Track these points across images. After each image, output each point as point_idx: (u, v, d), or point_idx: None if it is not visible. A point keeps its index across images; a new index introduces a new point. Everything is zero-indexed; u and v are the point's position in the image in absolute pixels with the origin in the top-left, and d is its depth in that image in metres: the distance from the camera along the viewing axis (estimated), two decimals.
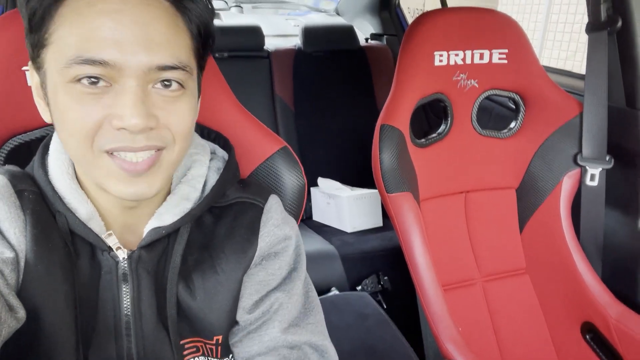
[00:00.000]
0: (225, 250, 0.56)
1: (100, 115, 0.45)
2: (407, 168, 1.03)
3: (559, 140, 1.16)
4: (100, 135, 0.46)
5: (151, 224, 0.53)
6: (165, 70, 0.46)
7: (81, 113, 0.45)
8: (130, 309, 0.52)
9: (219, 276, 0.56)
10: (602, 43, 1.09)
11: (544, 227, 1.18)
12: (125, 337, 0.53)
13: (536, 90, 1.16)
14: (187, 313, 0.55)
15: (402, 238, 1.03)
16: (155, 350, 0.53)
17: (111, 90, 0.45)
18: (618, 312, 1.04)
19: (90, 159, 0.47)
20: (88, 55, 0.43)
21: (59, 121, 0.47)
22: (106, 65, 0.44)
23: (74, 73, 0.44)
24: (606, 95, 1.10)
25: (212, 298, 0.55)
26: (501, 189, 1.22)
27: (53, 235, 0.50)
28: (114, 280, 0.52)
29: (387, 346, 0.88)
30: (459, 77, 1.12)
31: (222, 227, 0.58)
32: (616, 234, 1.19)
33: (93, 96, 0.45)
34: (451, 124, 1.15)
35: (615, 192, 1.18)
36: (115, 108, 0.45)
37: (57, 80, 0.45)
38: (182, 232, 0.55)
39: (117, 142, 0.46)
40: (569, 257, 1.13)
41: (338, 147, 1.95)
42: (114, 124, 0.45)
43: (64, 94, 0.45)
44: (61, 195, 0.51)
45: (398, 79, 1.05)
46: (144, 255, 0.53)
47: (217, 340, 0.57)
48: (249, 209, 0.59)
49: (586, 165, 1.13)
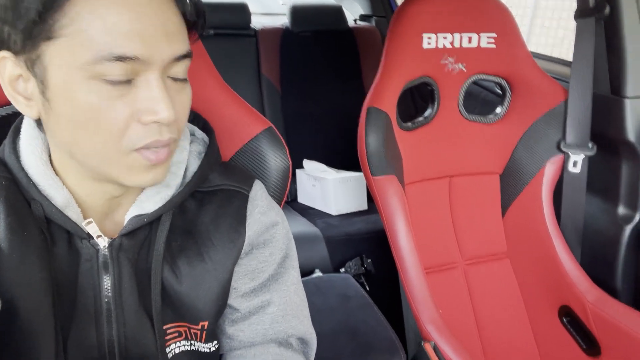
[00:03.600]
0: (213, 240, 0.56)
1: (128, 112, 0.44)
2: (392, 151, 1.03)
3: (543, 126, 1.17)
4: (130, 134, 0.45)
5: (132, 212, 0.53)
6: (180, 60, 0.46)
7: (110, 112, 0.44)
8: (112, 296, 0.52)
9: (206, 264, 0.55)
10: (590, 30, 1.09)
11: (526, 212, 1.20)
12: (106, 323, 0.52)
13: (523, 76, 1.16)
14: (173, 299, 0.55)
15: (386, 221, 1.03)
16: (136, 336, 0.53)
17: (133, 85, 0.44)
18: (595, 296, 1.07)
19: (114, 157, 0.46)
20: (120, 51, 0.42)
21: (75, 120, 0.45)
22: (136, 60, 0.43)
23: (102, 70, 0.42)
24: (591, 82, 1.11)
25: (199, 285, 0.55)
26: (485, 174, 1.23)
27: (28, 223, 0.48)
28: (95, 268, 0.52)
29: (368, 328, 0.89)
30: (447, 61, 1.11)
31: (206, 214, 0.57)
32: (596, 221, 1.22)
33: (117, 93, 0.44)
34: (438, 108, 1.15)
35: (596, 179, 1.19)
36: (142, 102, 0.44)
37: (75, 76, 0.43)
38: (165, 219, 0.54)
39: (148, 138, 0.46)
40: (549, 242, 1.15)
41: (324, 129, 1.94)
42: (144, 119, 0.45)
43: (86, 92, 0.43)
44: (35, 182, 0.50)
45: (386, 61, 1.04)
46: (125, 243, 0.53)
47: (202, 325, 0.57)
48: (234, 197, 0.58)
49: (569, 151, 1.14)
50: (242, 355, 0.60)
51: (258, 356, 0.59)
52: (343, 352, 0.84)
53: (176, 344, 0.56)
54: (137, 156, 0.46)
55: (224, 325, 0.61)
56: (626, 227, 1.15)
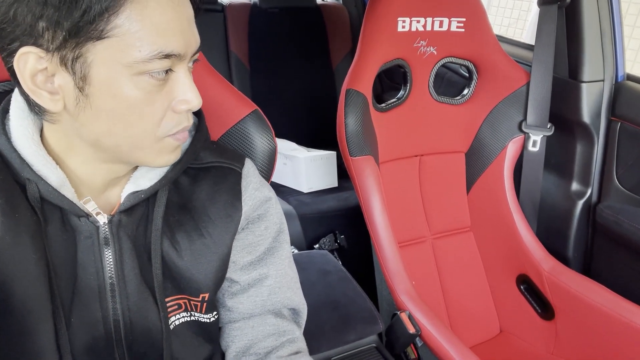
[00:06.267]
0: (210, 215, 0.58)
1: (166, 104, 0.48)
2: (369, 132, 1.06)
3: (506, 107, 1.23)
4: (166, 122, 0.49)
5: (128, 189, 0.54)
6: (197, 52, 0.50)
7: (153, 106, 0.47)
8: (114, 271, 0.53)
9: (205, 239, 0.57)
10: (552, 16, 1.16)
11: (489, 188, 1.27)
12: (110, 298, 0.53)
13: (489, 60, 1.22)
14: (174, 272, 0.57)
15: (362, 199, 1.08)
16: (140, 310, 0.54)
17: (169, 78, 0.47)
18: (550, 265, 1.16)
19: (149, 143, 0.49)
20: (169, 49, 0.45)
21: (118, 113, 0.46)
22: (176, 56, 0.46)
23: (151, 67, 0.45)
24: (552, 66, 1.18)
25: (199, 259, 0.57)
26: (452, 153, 1.30)
27: (19, 205, 0.49)
28: (96, 244, 0.52)
29: (349, 300, 0.93)
30: (420, 44, 1.15)
31: (201, 189, 0.59)
32: (551, 196, 1.31)
33: (159, 87, 0.47)
34: (410, 90, 1.19)
35: (553, 157, 1.28)
36: (177, 93, 0.48)
37: (121, 73, 0.45)
38: (161, 195, 0.55)
39: (180, 125, 0.50)
40: (509, 216, 1.23)
41: (293, 107, 1.95)
42: (179, 108, 0.49)
43: (132, 87, 0.45)
44: (29, 162, 0.50)
45: (362, 44, 1.07)
46: (124, 219, 0.54)
47: (203, 297, 0.59)
48: (228, 174, 0.60)
49: (529, 132, 1.22)
50: (240, 327, 0.63)
51: (256, 327, 0.63)
52: (326, 324, 0.89)
53: (176, 316, 0.58)
54: (170, 140, 0.50)
55: (223, 298, 0.64)
56: (579, 201, 1.25)
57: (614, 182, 1.21)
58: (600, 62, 1.18)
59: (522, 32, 3.88)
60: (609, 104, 1.20)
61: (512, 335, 1.26)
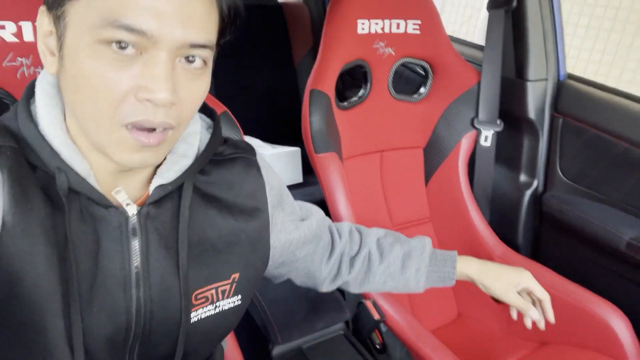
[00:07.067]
0: (238, 204, 0.60)
1: (128, 86, 0.44)
2: (332, 130, 1.11)
3: (460, 105, 1.31)
4: (124, 107, 0.44)
5: (155, 182, 0.54)
6: (195, 48, 0.46)
7: (108, 81, 0.43)
8: (140, 262, 0.53)
9: (235, 223, 0.59)
10: (499, 20, 1.24)
11: (445, 181, 1.35)
12: (135, 288, 0.53)
13: (443, 60, 1.29)
14: (205, 259, 0.57)
15: (327, 194, 1.12)
16: (162, 300, 0.54)
17: (139, 60, 0.44)
18: (501, 251, 1.25)
19: (105, 127, 0.45)
20: (126, 21, 0.42)
21: (78, 82, 0.45)
22: (142, 34, 0.42)
23: (107, 35, 0.42)
24: (500, 66, 1.26)
25: (229, 243, 0.59)
26: (411, 149, 1.36)
27: (32, 195, 0.47)
28: (124, 235, 0.52)
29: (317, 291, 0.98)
30: (378, 45, 1.20)
31: (227, 180, 0.60)
32: (502, 187, 1.41)
33: (121, 64, 0.43)
34: (370, 89, 1.25)
35: (503, 151, 1.38)
36: (144, 79, 0.44)
37: (83, 38, 0.43)
38: (187, 186, 0.56)
39: (139, 115, 0.45)
40: (464, 206, 1.31)
41: (256, 104, 1.97)
42: (140, 95, 0.44)
43: (89, 55, 0.43)
44: (58, 151, 0.48)
45: (325, 46, 1.11)
46: (153, 211, 0.54)
47: (233, 278, 0.60)
48: (249, 165, 0.63)
49: (481, 128, 1.30)
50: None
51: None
52: (296, 315, 0.93)
53: (203, 309, 0.58)
54: (127, 134, 0.46)
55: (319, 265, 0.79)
56: (526, 192, 1.35)
57: (558, 173, 1.31)
58: (544, 62, 1.27)
59: (475, 30, 4.03)
60: (552, 101, 1.29)
61: (468, 318, 1.34)
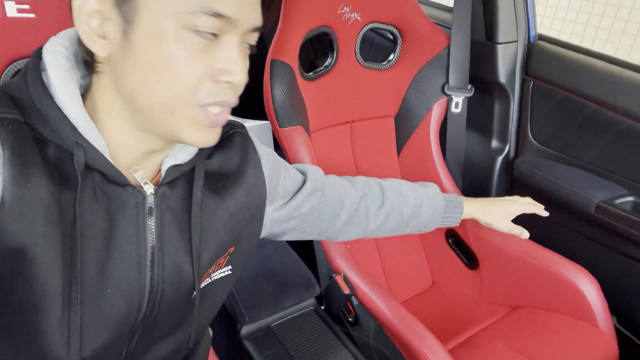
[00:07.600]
0: (242, 181, 0.61)
1: (207, 69, 0.46)
2: (297, 102, 1.07)
3: (430, 71, 1.28)
4: (203, 89, 0.46)
5: (168, 162, 0.54)
6: (256, 32, 0.49)
7: (192, 66, 0.45)
8: (156, 241, 0.53)
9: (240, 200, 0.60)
10: None
11: (417, 150, 1.33)
12: (149, 266, 0.53)
13: (411, 24, 1.24)
14: (212, 238, 0.58)
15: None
16: (173, 281, 0.55)
17: (215, 44, 0.46)
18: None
19: (181, 108, 0.47)
20: (219, 8, 0.44)
21: (153, 66, 0.45)
22: (227, 19, 0.45)
23: (197, 22, 0.44)
24: (469, 29, 1.23)
25: (234, 221, 0.60)
26: (382, 118, 1.33)
27: (34, 172, 0.45)
28: (141, 214, 0.52)
29: (285, 268, 0.96)
30: (343, 10, 1.15)
31: (232, 159, 0.61)
32: (474, 153, 1.39)
33: (202, 47, 0.45)
34: (337, 57, 1.20)
35: (474, 117, 1.35)
36: (221, 62, 0.46)
37: (167, 22, 0.44)
38: (199, 168, 0.57)
39: (219, 96, 0.47)
40: (436, 174, 1.30)
41: None
42: (220, 78, 0.47)
43: (174, 39, 0.44)
44: (76, 125, 0.47)
45: (285, 13, 1.05)
46: (167, 191, 0.55)
47: (230, 252, 0.61)
48: (244, 141, 0.63)
49: (452, 94, 1.28)
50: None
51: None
52: (264, 292, 0.92)
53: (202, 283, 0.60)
54: (201, 113, 0.48)
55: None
56: (498, 157, 1.34)
57: (529, 137, 1.30)
58: (514, 23, 1.24)
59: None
60: (523, 64, 1.27)
61: (442, 286, 1.35)
